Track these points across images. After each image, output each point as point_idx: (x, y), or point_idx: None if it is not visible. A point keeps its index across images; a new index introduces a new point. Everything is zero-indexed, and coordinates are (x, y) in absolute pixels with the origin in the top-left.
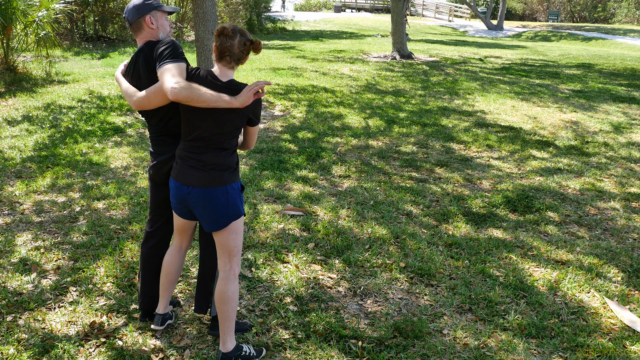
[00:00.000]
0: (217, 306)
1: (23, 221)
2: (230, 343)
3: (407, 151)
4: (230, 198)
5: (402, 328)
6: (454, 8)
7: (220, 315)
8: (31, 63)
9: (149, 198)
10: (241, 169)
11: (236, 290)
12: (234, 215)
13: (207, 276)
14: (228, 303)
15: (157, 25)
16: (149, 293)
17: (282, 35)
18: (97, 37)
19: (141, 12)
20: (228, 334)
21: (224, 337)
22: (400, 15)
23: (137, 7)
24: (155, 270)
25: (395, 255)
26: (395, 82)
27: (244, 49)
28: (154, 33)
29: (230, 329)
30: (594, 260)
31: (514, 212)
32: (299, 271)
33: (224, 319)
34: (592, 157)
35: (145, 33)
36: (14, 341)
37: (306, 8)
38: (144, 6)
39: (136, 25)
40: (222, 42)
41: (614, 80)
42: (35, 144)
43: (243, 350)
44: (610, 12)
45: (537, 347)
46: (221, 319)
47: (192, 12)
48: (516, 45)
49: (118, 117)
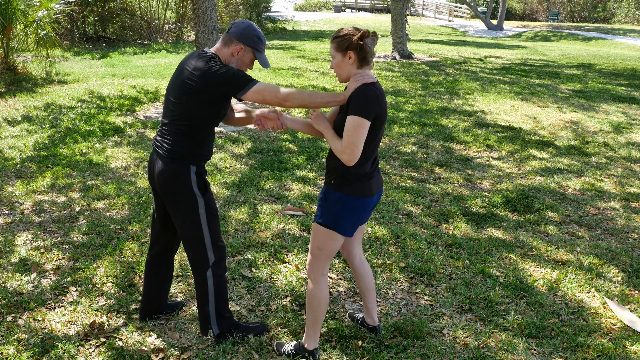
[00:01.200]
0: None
1: (23, 221)
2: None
3: (407, 151)
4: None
5: (402, 328)
6: (454, 8)
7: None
8: (31, 63)
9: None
10: (241, 169)
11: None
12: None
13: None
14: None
15: (238, 59)
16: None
17: (282, 35)
18: (97, 37)
19: (242, 39)
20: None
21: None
22: (400, 15)
23: (246, 33)
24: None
25: (395, 255)
26: (395, 82)
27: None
28: (229, 60)
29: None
30: (594, 260)
31: (514, 212)
32: (299, 271)
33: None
34: (592, 157)
35: (224, 52)
36: (14, 341)
37: (306, 8)
38: (248, 37)
39: (228, 39)
40: (370, 46)
41: (614, 80)
42: (35, 144)
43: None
44: (610, 12)
45: (537, 347)
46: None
47: (192, 12)
48: (516, 45)
49: (118, 117)
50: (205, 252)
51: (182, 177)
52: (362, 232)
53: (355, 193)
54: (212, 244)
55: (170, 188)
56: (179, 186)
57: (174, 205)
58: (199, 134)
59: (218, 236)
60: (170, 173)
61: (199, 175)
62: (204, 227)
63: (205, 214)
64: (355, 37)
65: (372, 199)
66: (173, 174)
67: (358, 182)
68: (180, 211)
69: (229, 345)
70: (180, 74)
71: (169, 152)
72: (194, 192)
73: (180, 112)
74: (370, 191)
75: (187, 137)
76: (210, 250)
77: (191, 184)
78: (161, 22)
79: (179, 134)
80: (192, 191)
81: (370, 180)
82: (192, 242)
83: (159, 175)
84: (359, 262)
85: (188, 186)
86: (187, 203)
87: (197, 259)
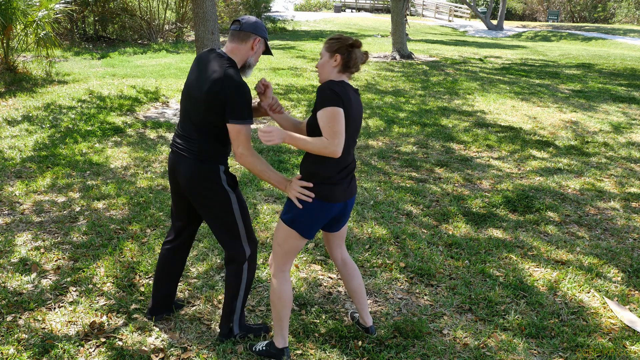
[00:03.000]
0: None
1: (23, 221)
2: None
3: (407, 151)
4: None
5: (402, 328)
6: (454, 8)
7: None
8: (31, 63)
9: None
10: (241, 169)
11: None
12: None
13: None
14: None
15: (256, 51)
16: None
17: (282, 35)
18: (97, 37)
19: (257, 31)
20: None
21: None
22: (400, 15)
23: (258, 25)
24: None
25: (395, 255)
26: (395, 82)
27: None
28: (248, 55)
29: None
30: (594, 260)
31: (514, 212)
32: (299, 271)
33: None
34: (592, 157)
35: (242, 48)
36: (14, 341)
37: (306, 8)
38: (261, 29)
39: (243, 35)
40: (357, 57)
41: (614, 80)
42: (35, 144)
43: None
44: (610, 12)
45: (537, 347)
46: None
47: (192, 12)
48: (516, 45)
49: (118, 117)
50: (242, 245)
51: (214, 177)
52: (341, 237)
53: (317, 195)
54: (247, 237)
55: (202, 190)
56: (212, 187)
57: (207, 205)
58: (227, 135)
59: (251, 229)
60: (202, 175)
61: (227, 173)
62: (239, 222)
63: (238, 209)
64: (347, 43)
65: (334, 205)
66: (204, 175)
67: (322, 185)
68: (214, 210)
69: (229, 345)
70: (204, 83)
71: (197, 154)
72: (225, 190)
73: (210, 119)
74: (333, 197)
75: (217, 139)
76: (246, 243)
77: (222, 182)
78: (161, 22)
79: (208, 136)
80: (224, 189)
81: (334, 186)
82: (229, 238)
83: (188, 178)
84: (341, 265)
85: (220, 185)
86: (221, 201)
87: (233, 254)
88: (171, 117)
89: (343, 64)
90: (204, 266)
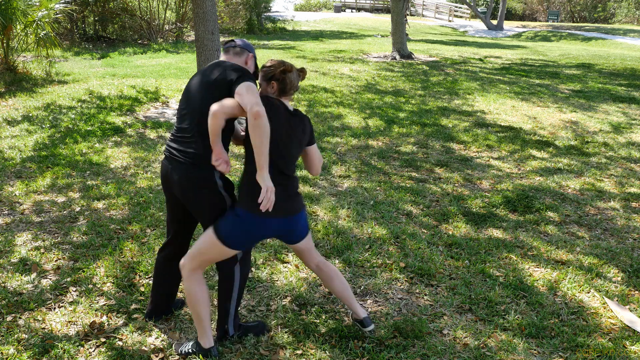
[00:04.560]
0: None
1: (23, 221)
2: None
3: (406, 151)
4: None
5: (402, 328)
6: (454, 8)
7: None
8: (31, 63)
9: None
10: (241, 169)
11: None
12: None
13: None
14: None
15: (249, 66)
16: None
17: (282, 35)
18: (97, 37)
19: (250, 48)
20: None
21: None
22: (400, 15)
23: (249, 44)
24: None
25: (395, 255)
26: (395, 82)
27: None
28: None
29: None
30: (593, 260)
31: (514, 212)
32: (299, 271)
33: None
34: (592, 157)
35: (237, 61)
36: (14, 341)
37: (306, 8)
38: (252, 47)
39: (239, 51)
40: (292, 80)
41: (614, 80)
42: (35, 144)
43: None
44: (610, 12)
45: (537, 347)
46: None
47: (192, 12)
48: (516, 45)
49: (118, 117)
50: None
51: (209, 183)
52: (306, 250)
53: (242, 204)
54: None
55: (197, 195)
56: (207, 192)
57: (202, 209)
58: (225, 139)
59: None
60: (197, 180)
61: (223, 178)
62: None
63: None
64: (279, 70)
65: (260, 220)
66: (200, 181)
67: (251, 196)
68: (209, 214)
69: (229, 345)
70: (208, 87)
71: (193, 158)
72: (222, 195)
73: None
74: (258, 209)
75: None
76: None
77: (218, 188)
78: (161, 22)
79: (205, 137)
80: (220, 194)
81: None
82: None
83: (182, 183)
84: (317, 270)
85: (216, 191)
86: (216, 205)
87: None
88: (171, 117)
89: (279, 89)
90: None
